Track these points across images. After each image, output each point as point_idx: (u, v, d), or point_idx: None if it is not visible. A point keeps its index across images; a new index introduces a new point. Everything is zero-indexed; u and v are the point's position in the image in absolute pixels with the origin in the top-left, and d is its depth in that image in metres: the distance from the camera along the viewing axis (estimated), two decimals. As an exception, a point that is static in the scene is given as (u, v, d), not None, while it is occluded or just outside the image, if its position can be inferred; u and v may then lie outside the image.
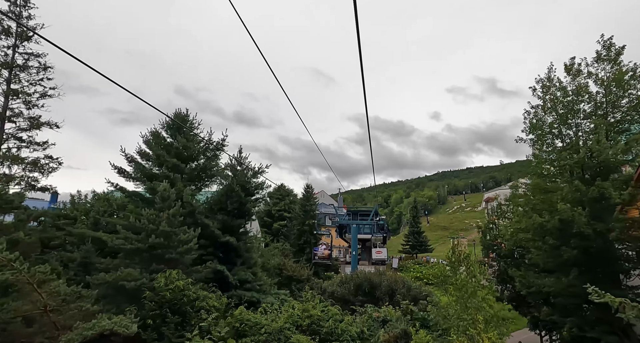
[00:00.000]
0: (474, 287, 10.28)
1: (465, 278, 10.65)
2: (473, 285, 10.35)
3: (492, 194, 55.37)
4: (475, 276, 10.52)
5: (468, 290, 10.42)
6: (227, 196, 19.66)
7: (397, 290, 26.50)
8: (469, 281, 10.54)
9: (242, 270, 18.48)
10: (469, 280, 10.57)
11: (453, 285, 11.28)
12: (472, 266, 10.73)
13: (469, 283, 10.55)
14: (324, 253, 32.23)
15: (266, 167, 21.44)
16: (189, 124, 22.45)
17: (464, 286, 10.50)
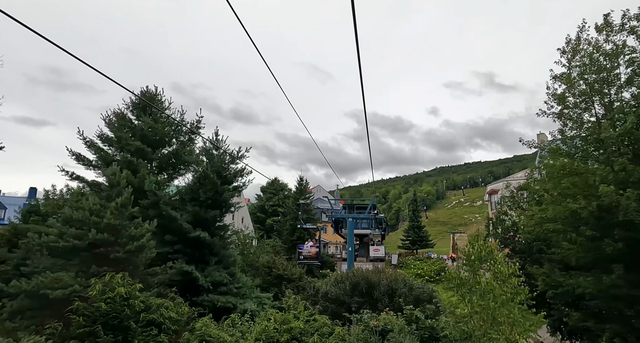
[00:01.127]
0: (505, 294, 7.53)
1: (491, 282, 7.90)
2: (504, 290, 7.60)
3: (495, 185, 52.69)
4: (505, 279, 7.76)
5: (497, 298, 7.68)
6: (200, 185, 16.89)
7: (397, 290, 23.75)
8: (496, 286, 7.79)
9: (216, 271, 15.74)
10: (496, 284, 7.82)
11: (474, 291, 8.56)
12: (500, 266, 7.97)
13: (496, 289, 7.80)
14: (311, 251, 27.27)
15: (246, 151, 18.68)
16: (159, 103, 19.66)
17: (491, 293, 7.76)
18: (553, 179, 14.52)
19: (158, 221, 15.54)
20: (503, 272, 7.71)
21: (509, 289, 7.42)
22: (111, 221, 11.19)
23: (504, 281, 7.70)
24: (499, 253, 8.75)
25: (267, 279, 29.25)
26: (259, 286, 28.19)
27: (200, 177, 16.59)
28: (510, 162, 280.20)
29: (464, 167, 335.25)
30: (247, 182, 18.50)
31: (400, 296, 23.77)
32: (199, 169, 16.45)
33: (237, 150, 18.26)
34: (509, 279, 7.63)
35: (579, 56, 14.31)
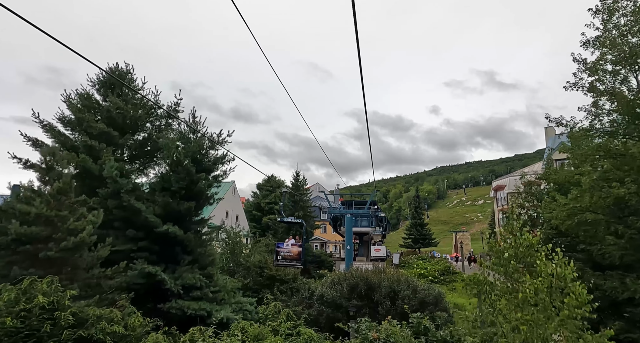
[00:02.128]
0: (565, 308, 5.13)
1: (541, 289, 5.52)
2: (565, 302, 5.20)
3: (501, 181, 50.35)
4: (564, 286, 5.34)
5: (548, 311, 5.33)
6: (172, 172, 14.59)
7: (400, 292, 21.42)
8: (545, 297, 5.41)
9: (189, 272, 13.42)
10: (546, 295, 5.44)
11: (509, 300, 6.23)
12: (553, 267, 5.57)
13: (546, 299, 5.44)
14: (292, 250, 20.60)
15: (229, 135, 16.38)
16: (130, 82, 17.35)
17: (538, 305, 5.40)
18: (586, 163, 12.20)
19: (120, 213, 13.29)
20: (561, 275, 5.34)
21: (572, 300, 5.04)
22: (43, 211, 8.90)
23: (562, 289, 5.32)
24: (540, 248, 6.41)
25: (259, 280, 26.95)
26: (249, 288, 25.89)
27: (172, 164, 14.27)
28: (512, 161, 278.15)
29: (465, 166, 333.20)
30: (229, 170, 16.17)
31: (403, 299, 21.40)
32: (171, 154, 14.09)
33: (217, 134, 15.95)
34: (570, 286, 5.26)
35: (618, 15, 12.00)
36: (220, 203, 47.28)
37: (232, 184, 50.43)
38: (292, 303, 23.63)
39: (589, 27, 12.96)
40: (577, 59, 13.69)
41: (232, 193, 50.64)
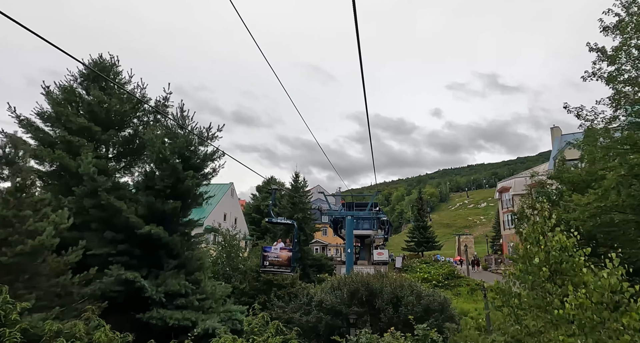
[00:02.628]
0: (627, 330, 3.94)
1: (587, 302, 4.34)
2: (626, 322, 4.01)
3: (506, 183, 49.14)
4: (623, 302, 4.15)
5: (596, 333, 4.17)
6: (157, 169, 13.50)
7: (403, 298, 20.25)
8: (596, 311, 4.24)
9: (173, 278, 12.28)
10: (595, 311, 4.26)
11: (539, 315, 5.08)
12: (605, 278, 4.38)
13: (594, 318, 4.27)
14: (280, 255, 17.21)
15: (219, 130, 15.30)
16: (115, 76, 16.29)
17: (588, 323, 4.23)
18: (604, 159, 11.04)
19: (97, 214, 12.19)
20: (616, 288, 4.17)
21: (633, 321, 3.86)
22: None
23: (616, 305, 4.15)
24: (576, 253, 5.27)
25: (255, 285, 25.82)
26: (245, 293, 24.75)
27: (157, 160, 13.16)
28: (514, 164, 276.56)
29: (467, 169, 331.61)
30: (219, 167, 15.08)
31: (406, 305, 20.25)
32: (155, 150, 12.98)
33: (206, 128, 14.86)
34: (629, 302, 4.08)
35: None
36: (218, 205, 46.28)
37: (230, 186, 49.32)
38: (289, 310, 22.45)
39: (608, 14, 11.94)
40: (594, 48, 12.62)
41: (231, 195, 49.54)
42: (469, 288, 34.73)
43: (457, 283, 36.33)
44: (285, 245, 18.25)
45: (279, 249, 17.28)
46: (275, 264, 17.07)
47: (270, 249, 17.57)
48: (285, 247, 17.70)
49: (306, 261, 37.26)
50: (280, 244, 18.23)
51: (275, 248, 17.42)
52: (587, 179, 15.64)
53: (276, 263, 17.01)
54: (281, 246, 17.70)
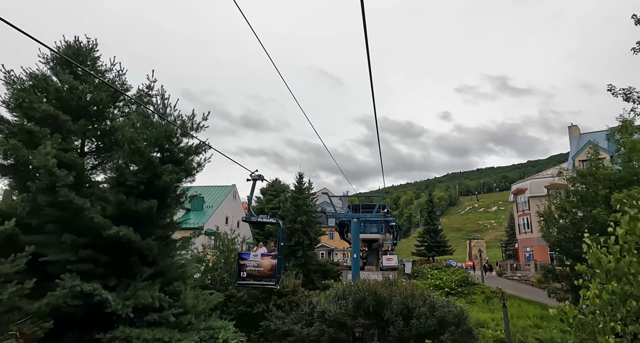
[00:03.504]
0: None
1: None
2: None
3: (521, 185, 46.93)
4: None
5: None
6: (131, 163, 11.73)
7: (415, 309, 18.29)
8: None
9: (146, 289, 10.45)
10: None
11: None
12: None
13: None
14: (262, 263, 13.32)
15: (204, 119, 13.54)
16: (93, 62, 14.60)
17: None
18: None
19: (55, 213, 10.41)
20: None
21: None
22: None
23: None
24: None
25: (253, 293, 23.98)
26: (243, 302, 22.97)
27: (130, 152, 11.38)
28: (525, 167, 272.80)
29: (477, 172, 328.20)
30: (204, 161, 13.28)
31: (418, 317, 18.29)
32: (127, 139, 11.19)
33: (189, 116, 13.10)
34: None
35: None
36: (219, 208, 44.55)
37: (232, 189, 47.58)
38: (289, 320, 20.54)
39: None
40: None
41: (233, 198, 47.79)
42: (484, 296, 32.57)
43: (471, 291, 34.17)
44: (268, 249, 14.51)
45: (260, 255, 13.24)
46: (254, 275, 12.93)
47: (248, 256, 13.46)
48: (267, 253, 13.67)
49: (310, 267, 35.40)
50: (262, 249, 14.30)
51: (255, 255, 13.31)
52: (625, 176, 13.65)
53: (256, 273, 12.92)
54: (263, 252, 13.71)
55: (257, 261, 13.00)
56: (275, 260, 13.03)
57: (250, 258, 13.20)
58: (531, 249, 44.05)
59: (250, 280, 13.05)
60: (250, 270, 12.87)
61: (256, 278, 12.99)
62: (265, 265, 12.96)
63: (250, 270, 12.88)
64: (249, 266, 12.91)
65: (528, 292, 36.78)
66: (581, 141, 44.31)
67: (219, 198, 44.79)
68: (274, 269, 12.91)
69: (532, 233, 43.94)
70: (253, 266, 12.90)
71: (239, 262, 13.16)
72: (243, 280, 13.16)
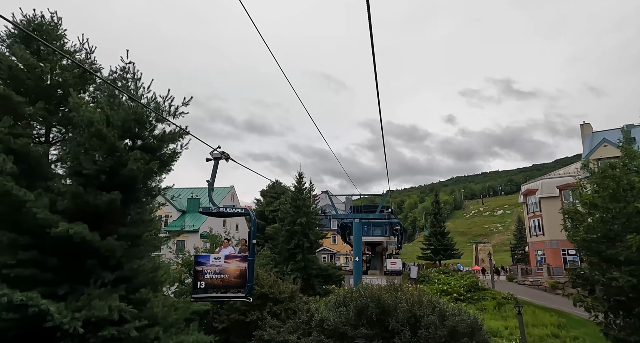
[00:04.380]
0: None
1: None
2: None
3: (532, 185, 44.97)
4: None
5: None
6: (90, 148, 10.01)
7: (423, 318, 16.42)
8: None
9: (104, 298, 8.70)
10: None
11: None
12: None
13: None
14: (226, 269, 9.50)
15: (184, 104, 11.87)
16: (57, 40, 12.96)
17: None
18: None
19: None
20: None
21: None
22: None
23: None
24: None
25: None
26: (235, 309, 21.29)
27: (88, 135, 9.66)
28: (530, 171, 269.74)
29: (481, 176, 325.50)
30: (181, 147, 11.57)
31: (427, 327, 16.56)
32: (84, 118, 9.48)
33: (164, 98, 11.41)
34: None
35: None
36: (216, 210, 42.74)
37: (230, 190, 45.90)
38: (285, 330, 18.77)
39: None
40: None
41: (231, 199, 46.09)
42: (495, 302, 30.56)
43: (481, 297, 32.14)
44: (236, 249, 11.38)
45: (223, 258, 9.73)
46: (217, 285, 9.41)
47: (207, 259, 9.81)
48: (235, 255, 10.33)
49: (311, 271, 33.47)
50: (227, 249, 10.86)
51: (217, 258, 9.71)
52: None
53: (219, 283, 9.42)
54: (228, 253, 10.34)
55: (220, 266, 9.47)
56: (245, 263, 9.58)
57: (211, 262, 9.58)
58: (543, 252, 41.99)
59: (211, 292, 9.46)
60: (211, 278, 9.39)
61: (219, 288, 9.42)
62: (231, 270, 9.47)
63: (211, 279, 9.39)
64: (208, 274, 9.40)
65: (542, 298, 34.80)
66: (594, 140, 42.34)
67: (216, 199, 42.99)
68: (244, 275, 9.48)
69: (544, 235, 41.94)
70: (214, 273, 9.41)
71: (194, 269, 9.62)
72: (205, 291, 9.49)
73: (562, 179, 41.14)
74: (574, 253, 39.69)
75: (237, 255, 10.18)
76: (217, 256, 9.65)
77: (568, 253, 39.85)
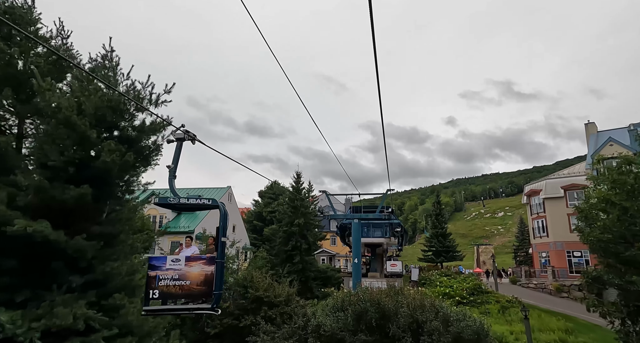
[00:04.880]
0: None
1: None
2: None
3: (536, 185, 43.98)
4: None
5: None
6: (57, 137, 9.05)
7: (425, 323, 15.42)
8: None
9: (69, 304, 7.73)
10: None
11: None
12: None
13: None
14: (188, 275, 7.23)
15: (167, 91, 10.93)
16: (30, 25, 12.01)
17: None
18: None
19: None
20: None
21: None
22: None
23: None
24: None
25: (241, 303, 21.34)
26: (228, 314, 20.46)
27: (55, 124, 8.71)
28: (530, 173, 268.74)
29: (482, 178, 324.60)
30: (162, 139, 10.60)
31: (430, 333, 15.57)
32: (46, 105, 8.54)
33: (144, 84, 10.45)
34: None
35: None
36: (213, 211, 41.60)
37: (227, 190, 44.84)
38: (280, 336, 17.80)
39: None
40: None
41: (228, 200, 45.02)
42: (499, 305, 29.54)
43: (484, 300, 31.14)
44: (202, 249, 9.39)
45: (184, 260, 7.59)
46: (175, 294, 7.30)
47: (163, 261, 7.52)
48: (198, 256, 8.21)
49: (309, 274, 32.48)
50: (191, 249, 8.79)
51: (174, 260, 7.56)
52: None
53: (178, 291, 7.31)
54: (189, 254, 8.26)
55: (179, 271, 7.33)
56: (211, 266, 7.48)
57: (167, 265, 7.34)
58: (547, 254, 40.99)
59: (171, 302, 7.25)
60: (167, 285, 7.22)
61: (179, 298, 7.28)
62: (193, 275, 7.36)
63: (168, 286, 7.22)
64: (165, 280, 7.24)
65: (547, 301, 33.83)
66: (599, 139, 41.38)
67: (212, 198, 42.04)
68: (209, 282, 7.39)
69: (548, 236, 40.95)
70: (172, 279, 7.25)
71: (147, 274, 7.41)
72: (156, 304, 7.26)
73: (567, 179, 40.19)
74: (579, 255, 38.73)
75: (201, 256, 7.95)
76: (176, 258, 7.50)
77: (573, 255, 38.88)
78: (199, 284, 7.30)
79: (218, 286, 7.43)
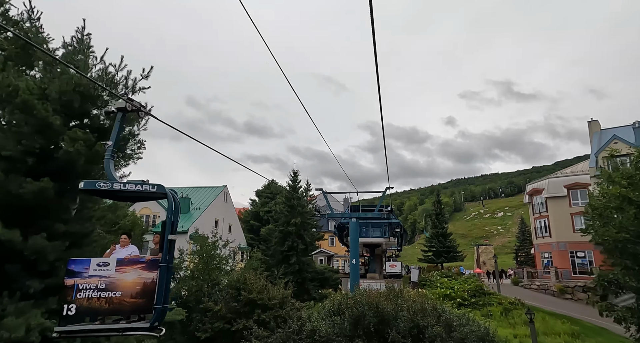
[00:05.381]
0: None
1: None
2: None
3: (538, 184, 43.06)
4: None
5: None
6: (15, 125, 8.08)
7: (426, 328, 14.41)
8: None
9: (20, 313, 6.77)
10: None
11: None
12: None
13: None
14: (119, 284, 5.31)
15: (144, 77, 9.99)
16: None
17: None
18: None
19: None
20: None
21: None
22: None
23: None
24: None
25: (234, 306, 20.39)
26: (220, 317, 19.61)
27: (12, 109, 7.75)
28: (530, 173, 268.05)
29: (481, 178, 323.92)
30: (139, 128, 9.66)
31: (432, 339, 14.31)
32: (3, 87, 7.59)
33: (117, 67, 9.50)
34: None
35: None
36: (207, 210, 40.73)
37: (223, 189, 43.85)
38: (273, 341, 16.88)
39: None
40: None
41: (224, 199, 44.06)
42: (501, 307, 28.57)
43: (486, 302, 30.16)
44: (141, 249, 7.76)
45: (114, 264, 5.61)
46: (100, 309, 5.40)
47: (87, 265, 5.54)
48: (134, 258, 5.96)
49: (306, 275, 31.51)
50: (126, 250, 6.44)
51: (101, 264, 5.57)
52: None
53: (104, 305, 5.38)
54: (125, 256, 5.99)
55: (107, 278, 5.50)
56: (153, 271, 5.66)
57: (91, 271, 5.50)
58: (550, 255, 40.06)
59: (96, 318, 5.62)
60: (90, 298, 5.39)
61: (105, 314, 5.58)
62: (126, 284, 5.53)
63: (90, 299, 5.39)
64: (86, 291, 5.41)
65: (550, 303, 32.85)
66: (603, 137, 40.43)
67: (207, 199, 41.09)
68: (149, 292, 5.56)
69: (551, 237, 40.02)
70: (97, 289, 5.43)
71: (64, 284, 5.48)
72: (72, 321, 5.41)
73: (570, 178, 39.29)
74: (583, 256, 37.84)
75: (139, 259, 5.93)
76: (103, 262, 5.60)
77: (577, 255, 37.97)
78: (134, 296, 5.46)
79: (161, 298, 5.55)
